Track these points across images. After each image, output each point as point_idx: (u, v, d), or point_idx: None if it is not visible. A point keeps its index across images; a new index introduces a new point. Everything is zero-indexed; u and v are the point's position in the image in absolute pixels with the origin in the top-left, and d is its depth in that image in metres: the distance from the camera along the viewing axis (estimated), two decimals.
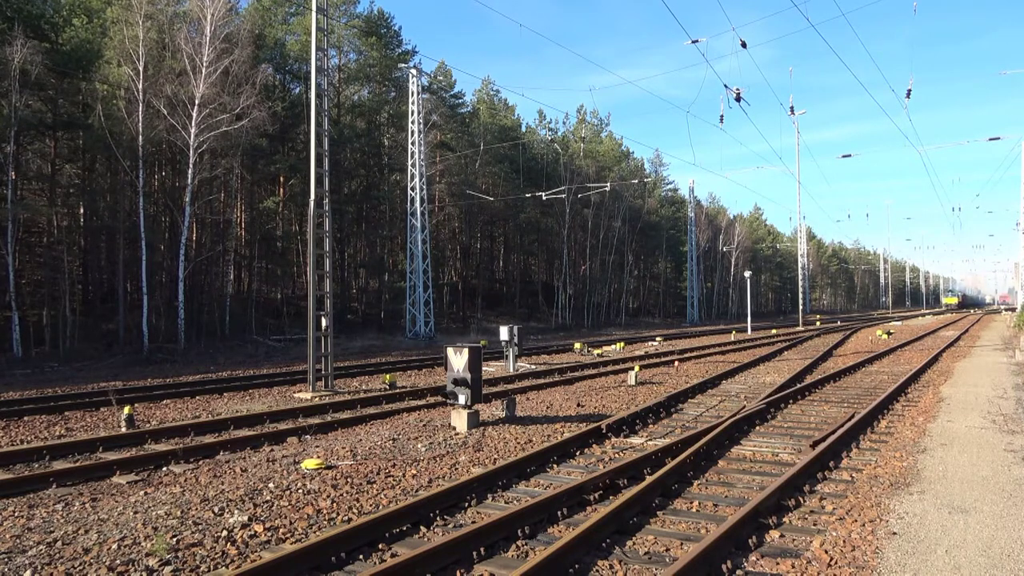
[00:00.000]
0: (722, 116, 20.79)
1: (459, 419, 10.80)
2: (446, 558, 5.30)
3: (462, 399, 10.70)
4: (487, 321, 45.50)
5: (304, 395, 14.93)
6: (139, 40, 26.43)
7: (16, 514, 6.72)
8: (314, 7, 15.96)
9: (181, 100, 26.87)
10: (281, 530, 6.14)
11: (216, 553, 5.61)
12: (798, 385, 15.01)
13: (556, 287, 55.25)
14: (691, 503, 6.96)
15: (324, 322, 15.78)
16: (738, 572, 5.23)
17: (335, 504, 6.88)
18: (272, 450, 9.63)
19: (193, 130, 27.09)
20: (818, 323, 53.97)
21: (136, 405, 13.31)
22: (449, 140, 48.62)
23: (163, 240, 32.03)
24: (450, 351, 10.97)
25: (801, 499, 6.97)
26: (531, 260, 61.92)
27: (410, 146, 36.43)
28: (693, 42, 18.55)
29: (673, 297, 77.13)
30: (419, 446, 9.53)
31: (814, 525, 6.23)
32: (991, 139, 75.40)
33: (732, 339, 34.63)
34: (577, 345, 26.89)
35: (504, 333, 19.26)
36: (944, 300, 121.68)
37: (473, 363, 10.68)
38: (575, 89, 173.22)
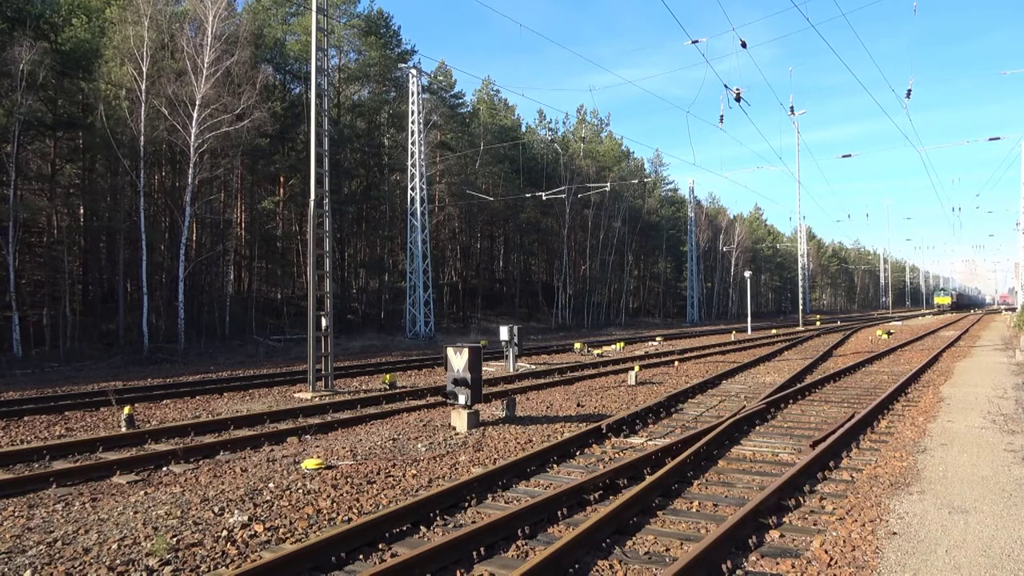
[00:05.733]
0: (722, 116, 20.88)
1: (459, 419, 10.79)
2: (446, 558, 5.30)
3: (462, 399, 10.70)
4: (487, 321, 45.51)
5: (304, 395, 14.93)
6: (144, 40, 26.44)
7: (16, 514, 6.72)
8: (314, 7, 15.96)
9: (182, 100, 26.88)
10: (281, 530, 6.14)
11: (216, 553, 5.61)
12: (798, 385, 15.01)
13: (556, 287, 55.26)
14: (691, 503, 6.96)
15: (324, 322, 15.78)
16: (738, 572, 5.23)
17: (335, 504, 6.88)
18: (272, 450, 9.63)
19: (194, 130, 27.10)
20: (818, 323, 53.97)
21: (136, 405, 13.31)
22: (449, 140, 48.62)
23: (163, 240, 32.03)
24: (450, 351, 10.97)
25: (801, 499, 6.97)
26: (531, 260, 61.93)
27: (410, 146, 36.43)
28: (693, 42, 18.57)
29: (673, 297, 77.14)
30: (419, 446, 9.53)
31: (814, 525, 6.23)
32: (991, 139, 75.54)
33: (732, 339, 34.62)
34: (577, 345, 26.89)
35: (504, 333, 19.25)
36: (936, 300, 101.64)
37: (473, 363, 10.68)
38: (575, 89, 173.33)
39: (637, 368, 18.12)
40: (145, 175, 28.28)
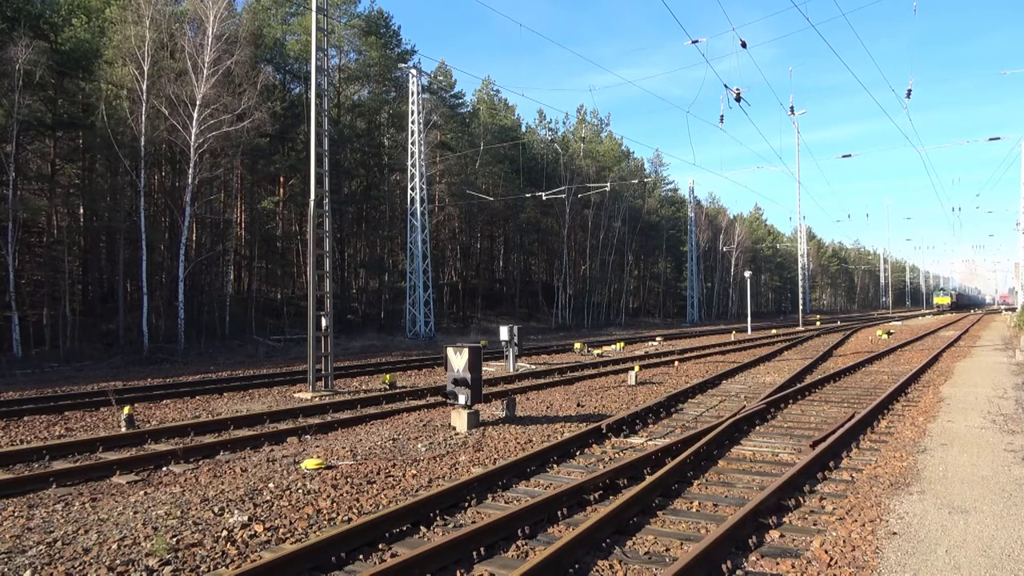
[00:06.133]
0: (722, 116, 20.86)
1: (459, 419, 10.79)
2: (446, 558, 5.30)
3: (462, 399, 10.69)
4: (487, 321, 45.50)
5: (304, 395, 14.93)
6: (145, 40, 26.45)
7: (16, 514, 6.72)
8: (314, 7, 15.96)
9: (182, 100, 26.88)
10: (281, 530, 6.14)
11: (216, 553, 5.60)
12: (798, 385, 15.00)
13: (556, 287, 55.26)
14: (691, 503, 6.96)
15: (324, 322, 15.78)
16: (738, 572, 5.23)
17: (335, 504, 6.88)
18: (272, 450, 9.63)
19: (194, 130, 27.10)
20: (818, 323, 53.96)
21: (136, 405, 13.31)
22: (449, 140, 48.62)
23: (163, 240, 32.04)
24: (450, 351, 10.96)
25: (801, 499, 6.97)
26: (531, 260, 61.92)
27: (410, 146, 36.43)
28: (693, 42, 18.57)
29: (673, 297, 77.14)
30: (419, 446, 9.53)
31: (814, 525, 6.22)
32: (991, 139, 75.63)
33: (732, 339, 34.62)
34: (577, 345, 26.89)
35: (504, 333, 19.25)
36: (935, 300, 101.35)
37: (473, 363, 10.68)
38: (575, 89, 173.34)
39: (637, 368, 18.11)
40: (145, 175, 28.28)
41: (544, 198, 39.64)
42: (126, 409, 11.33)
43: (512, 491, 7.45)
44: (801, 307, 52.23)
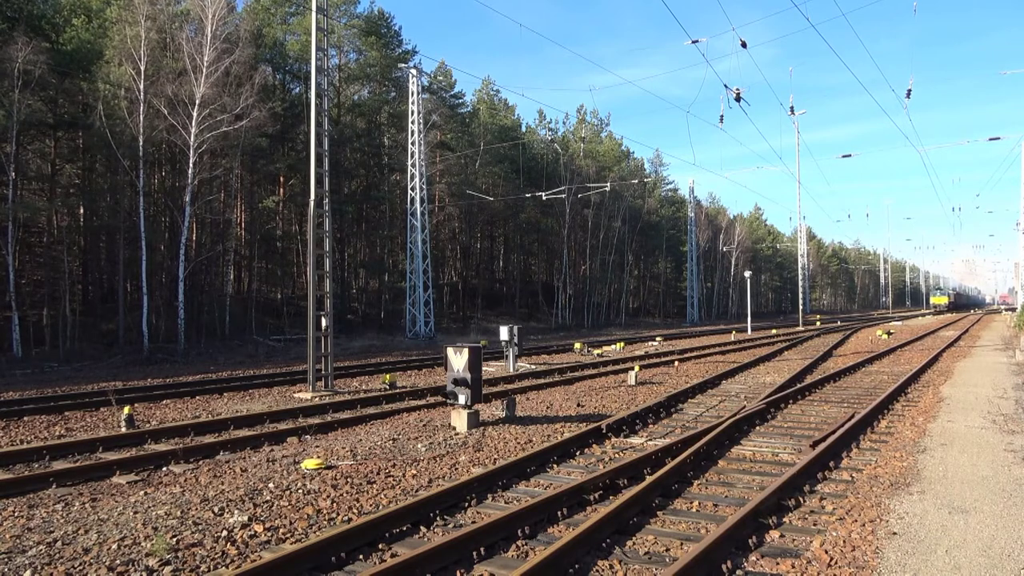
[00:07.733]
0: (722, 116, 20.86)
1: (459, 419, 10.79)
2: (446, 558, 5.30)
3: (462, 399, 10.69)
4: (487, 321, 45.49)
5: (304, 395, 14.93)
6: (141, 40, 26.45)
7: (16, 514, 6.72)
8: (314, 7, 15.96)
9: (181, 100, 26.87)
10: (281, 530, 6.14)
11: (216, 553, 5.61)
12: (798, 385, 15.00)
13: (556, 287, 55.26)
14: (691, 503, 6.96)
15: (324, 322, 15.78)
16: (738, 572, 5.23)
17: (335, 504, 6.88)
18: (272, 450, 9.63)
19: (193, 130, 27.09)
20: (818, 323, 53.96)
21: (136, 405, 13.31)
22: (449, 140, 48.62)
23: (163, 240, 32.04)
24: (450, 351, 10.96)
25: (801, 499, 6.97)
26: (531, 260, 61.92)
27: (410, 146, 36.43)
28: (693, 42, 18.56)
29: (673, 297, 77.14)
30: (419, 446, 9.53)
31: (814, 525, 6.22)
32: (991, 139, 75.66)
33: (732, 339, 34.62)
34: (577, 345, 26.89)
35: (504, 333, 19.25)
36: (932, 300, 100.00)
37: (473, 363, 10.68)
38: (575, 89, 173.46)
39: (637, 368, 18.11)
40: (145, 175, 28.27)
41: (544, 198, 39.61)
42: (126, 409, 11.33)
43: (512, 491, 7.45)
44: (801, 307, 52.21)
